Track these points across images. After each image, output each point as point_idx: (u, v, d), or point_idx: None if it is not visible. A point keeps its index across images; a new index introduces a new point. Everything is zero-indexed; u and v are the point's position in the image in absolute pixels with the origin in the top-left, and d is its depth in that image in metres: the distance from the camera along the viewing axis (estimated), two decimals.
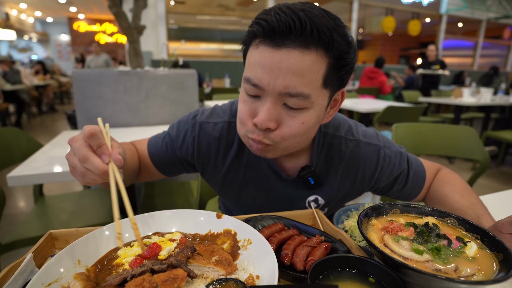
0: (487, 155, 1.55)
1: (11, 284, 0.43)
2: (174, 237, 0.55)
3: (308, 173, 0.75)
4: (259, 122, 0.57)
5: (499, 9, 9.00)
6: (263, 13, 0.55)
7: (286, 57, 0.52)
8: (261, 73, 0.55)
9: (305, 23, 0.50)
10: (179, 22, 6.43)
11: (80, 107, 2.03)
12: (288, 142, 0.61)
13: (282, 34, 0.52)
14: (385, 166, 0.77)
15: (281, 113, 0.58)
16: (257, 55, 0.55)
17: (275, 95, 0.56)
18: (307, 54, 0.52)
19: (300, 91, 0.54)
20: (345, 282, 0.45)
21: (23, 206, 2.68)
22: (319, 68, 0.54)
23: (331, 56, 0.54)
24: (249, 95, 0.60)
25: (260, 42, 0.55)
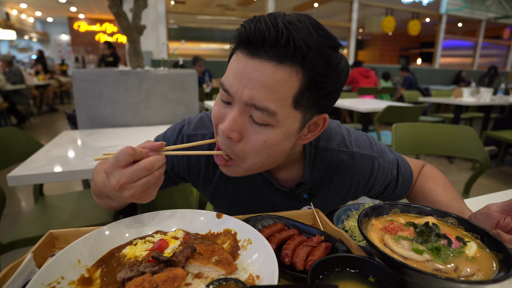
0: (487, 155, 1.55)
1: (11, 284, 0.43)
2: (177, 235, 0.55)
3: (304, 190, 0.74)
4: (222, 129, 0.55)
5: (498, 9, 9.00)
6: (250, 19, 0.53)
7: (257, 68, 0.50)
8: (232, 79, 0.53)
9: (281, 35, 0.47)
10: (179, 22, 6.43)
11: (80, 107, 2.03)
12: (250, 160, 0.58)
13: (256, 43, 0.50)
14: (379, 176, 0.77)
15: (246, 126, 0.55)
16: (234, 61, 0.54)
17: (241, 105, 0.53)
18: (280, 68, 0.49)
19: (265, 106, 0.51)
20: (345, 282, 0.45)
21: (23, 206, 2.68)
22: (291, 86, 0.51)
23: (307, 75, 0.51)
24: (222, 100, 0.58)
25: (239, 49, 0.54)
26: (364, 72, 5.68)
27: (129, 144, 1.47)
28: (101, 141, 1.55)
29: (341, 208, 0.79)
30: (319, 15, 8.85)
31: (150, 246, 0.52)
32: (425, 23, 9.21)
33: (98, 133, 1.74)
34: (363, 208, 0.64)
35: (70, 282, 0.44)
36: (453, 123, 4.27)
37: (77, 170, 1.10)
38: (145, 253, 0.50)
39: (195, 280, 0.46)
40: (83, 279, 0.45)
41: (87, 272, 0.47)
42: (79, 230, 0.58)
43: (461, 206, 0.69)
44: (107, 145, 1.45)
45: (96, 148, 1.39)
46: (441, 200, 0.73)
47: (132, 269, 0.43)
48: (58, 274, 0.44)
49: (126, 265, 0.47)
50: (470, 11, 8.66)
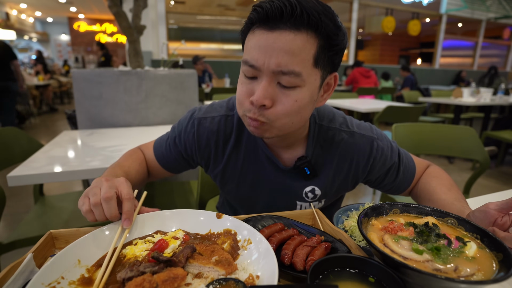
0: (486, 155, 1.55)
1: (11, 284, 0.43)
2: (177, 235, 0.55)
3: (304, 163, 0.77)
4: (255, 99, 0.61)
5: (498, 9, 9.00)
6: (260, 1, 0.60)
7: (278, 38, 0.57)
8: (257, 53, 0.59)
9: (295, 7, 0.55)
10: (179, 22, 6.43)
11: (80, 107, 2.03)
12: (282, 120, 0.64)
13: (275, 18, 0.57)
14: (378, 157, 0.80)
15: (276, 92, 0.61)
16: (254, 39, 0.60)
17: (269, 74, 0.59)
18: (298, 35, 0.57)
19: (291, 69, 0.58)
20: (345, 282, 0.45)
21: (23, 206, 2.68)
22: (310, 48, 0.58)
23: (320, 38, 0.59)
24: (246, 76, 0.64)
25: (256, 27, 0.60)
26: (365, 72, 5.69)
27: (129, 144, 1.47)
28: (101, 141, 1.55)
29: (341, 208, 0.79)
30: None
31: (150, 246, 0.52)
32: (425, 23, 9.21)
33: (98, 133, 1.74)
34: (363, 208, 0.64)
35: (70, 282, 0.44)
36: (453, 123, 4.27)
37: (77, 170, 1.10)
38: (145, 253, 0.50)
39: (195, 280, 0.46)
40: (83, 279, 0.45)
41: (87, 272, 0.47)
42: (79, 230, 0.58)
43: (464, 206, 0.69)
44: (107, 145, 1.45)
45: (96, 148, 1.39)
46: (445, 199, 0.74)
47: (132, 269, 0.43)
48: (58, 274, 0.44)
49: (126, 265, 0.48)
50: (470, 11, 8.66)
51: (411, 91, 5.16)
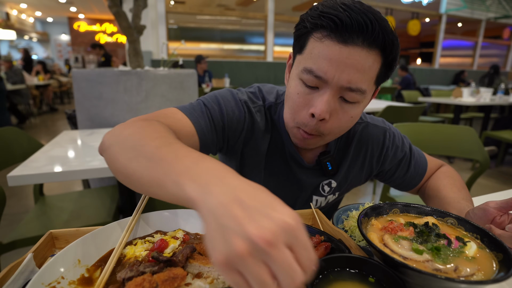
0: (486, 155, 1.55)
1: (11, 284, 0.43)
2: (177, 235, 0.55)
3: (327, 158, 0.78)
4: (318, 112, 0.59)
5: (498, 9, 9.00)
6: (329, 8, 0.56)
7: (352, 54, 0.55)
8: (327, 66, 0.57)
9: (375, 25, 0.54)
10: (179, 22, 6.42)
11: (80, 107, 2.03)
12: (333, 134, 0.65)
13: (353, 32, 0.54)
14: (390, 146, 0.82)
15: (336, 106, 0.61)
16: (323, 48, 0.57)
17: (336, 88, 0.58)
18: (371, 53, 0.56)
19: (359, 87, 0.58)
20: (345, 282, 0.45)
21: (23, 206, 2.68)
22: (376, 67, 0.58)
23: (386, 57, 0.58)
24: (307, 86, 0.61)
25: (326, 36, 0.56)
26: None
27: None
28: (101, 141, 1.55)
29: (341, 208, 0.79)
30: None
31: (150, 246, 0.52)
32: (425, 23, 9.21)
33: (98, 133, 1.74)
34: (363, 208, 0.64)
35: (70, 282, 0.44)
36: (453, 123, 4.27)
37: (77, 170, 1.10)
38: (145, 253, 0.50)
39: (195, 280, 0.46)
40: (83, 279, 0.45)
41: (87, 272, 0.47)
42: (79, 230, 0.58)
43: (468, 205, 0.70)
44: None
45: (96, 148, 1.39)
46: (452, 197, 0.74)
47: (132, 269, 0.43)
48: (58, 274, 0.44)
49: (126, 265, 0.48)
50: (470, 11, 8.65)
51: (411, 91, 5.16)
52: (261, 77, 6.43)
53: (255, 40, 6.98)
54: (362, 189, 3.13)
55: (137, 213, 0.60)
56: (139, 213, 0.60)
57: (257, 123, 0.76)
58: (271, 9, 6.28)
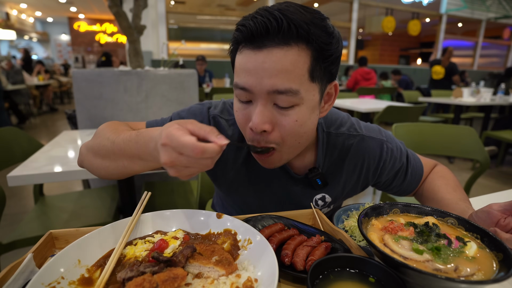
0: (486, 155, 1.55)
1: (11, 284, 0.43)
2: (177, 235, 0.55)
3: (316, 175, 0.75)
4: (254, 126, 0.57)
5: (498, 9, 9.00)
6: (242, 19, 0.56)
7: (268, 57, 0.53)
8: (247, 76, 0.56)
9: (281, 21, 0.51)
10: (179, 22, 6.42)
11: (80, 107, 2.03)
12: (288, 143, 0.61)
13: (261, 35, 0.53)
14: (388, 159, 0.78)
15: (274, 114, 0.58)
16: (241, 60, 0.57)
17: (264, 96, 0.56)
18: (289, 50, 0.53)
19: (288, 87, 0.54)
20: (345, 282, 0.45)
21: (23, 206, 2.68)
22: (303, 62, 0.54)
23: (313, 50, 0.55)
24: (241, 101, 0.60)
25: (242, 47, 0.56)
26: (365, 75, 5.67)
27: None
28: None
29: (341, 208, 0.79)
30: None
31: (150, 246, 0.52)
32: (425, 23, 9.21)
33: None
34: (363, 208, 0.64)
35: (70, 282, 0.44)
36: (453, 123, 4.27)
37: (77, 170, 1.10)
38: (145, 253, 0.50)
39: (195, 280, 0.46)
40: (83, 279, 0.45)
41: (87, 272, 0.47)
42: (79, 230, 0.58)
43: (468, 206, 0.69)
44: None
45: None
46: (449, 198, 0.73)
47: (132, 269, 0.43)
48: (58, 274, 0.44)
49: (126, 265, 0.47)
50: (470, 11, 8.66)
51: (411, 91, 5.16)
52: None
53: None
54: None
55: (137, 213, 0.60)
56: (139, 213, 0.60)
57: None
58: None
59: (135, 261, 0.47)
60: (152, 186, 1.86)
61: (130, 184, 1.42)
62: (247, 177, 0.80)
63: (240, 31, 0.55)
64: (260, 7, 0.56)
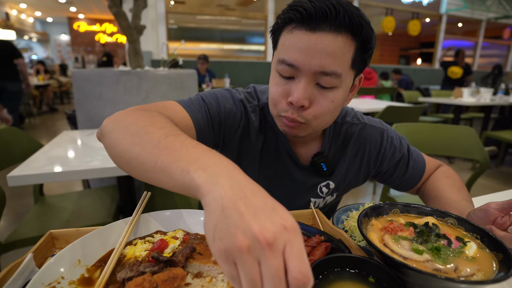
0: (486, 155, 1.55)
1: (11, 284, 0.43)
2: (177, 235, 0.55)
3: (321, 158, 0.79)
4: (295, 100, 0.61)
5: (499, 9, 8.99)
6: (296, 1, 0.60)
7: (320, 40, 0.57)
8: (297, 54, 0.59)
9: (339, 10, 0.56)
10: (179, 22, 6.42)
11: (80, 107, 2.03)
12: (318, 120, 0.65)
13: (318, 19, 0.57)
14: (388, 147, 0.82)
15: (314, 92, 0.62)
16: (293, 38, 0.60)
17: (309, 75, 0.60)
18: (339, 37, 0.58)
19: (333, 70, 0.59)
20: (345, 282, 0.45)
21: (23, 206, 2.68)
22: (349, 50, 0.59)
23: (358, 40, 0.60)
24: (282, 76, 0.63)
25: (295, 27, 0.59)
26: (366, 74, 5.67)
27: None
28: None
29: (341, 208, 0.79)
30: None
31: (150, 246, 0.52)
32: (425, 23, 9.21)
33: None
34: (363, 208, 0.64)
35: (70, 282, 0.44)
36: (453, 123, 4.27)
37: (77, 170, 1.10)
38: (145, 253, 0.50)
39: (195, 280, 0.46)
40: (83, 279, 0.45)
41: (87, 272, 0.47)
42: (79, 230, 0.58)
43: (469, 206, 0.70)
44: None
45: (96, 148, 1.39)
46: (452, 197, 0.74)
47: (132, 269, 0.43)
48: (58, 274, 0.44)
49: (126, 265, 0.48)
50: (470, 11, 8.65)
51: (411, 91, 5.16)
52: (261, 77, 6.43)
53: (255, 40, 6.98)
54: (362, 189, 3.13)
55: (137, 213, 0.60)
56: (139, 213, 0.60)
57: (252, 122, 0.78)
58: (271, 9, 6.28)
59: (135, 261, 0.47)
60: (152, 186, 1.86)
61: (130, 184, 1.42)
62: (259, 162, 0.82)
63: (298, 12, 0.58)
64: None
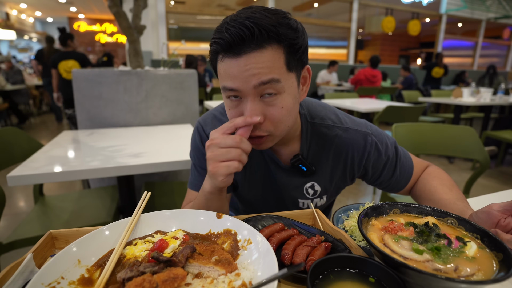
0: (486, 155, 1.55)
1: (11, 284, 0.43)
2: (177, 235, 0.55)
3: (297, 160, 0.80)
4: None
5: (498, 9, 9.00)
6: (217, 32, 0.62)
7: (248, 60, 0.60)
8: (232, 79, 0.62)
9: (252, 29, 0.58)
10: (179, 22, 6.43)
11: (80, 107, 2.03)
12: (279, 128, 0.67)
13: (238, 45, 0.59)
14: (372, 151, 0.82)
15: (262, 106, 0.64)
16: (225, 66, 0.63)
17: (252, 91, 0.62)
18: (264, 51, 0.60)
19: (270, 77, 0.61)
20: (345, 282, 0.45)
21: (23, 206, 2.68)
22: (279, 58, 0.61)
23: (284, 46, 0.62)
24: (232, 100, 0.66)
25: (223, 56, 0.62)
26: (371, 78, 5.54)
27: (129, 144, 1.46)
28: (101, 141, 1.55)
29: (341, 208, 0.80)
30: (319, 15, 8.84)
31: (150, 246, 0.52)
32: (425, 23, 9.21)
33: (98, 133, 1.74)
34: (363, 208, 0.64)
35: (70, 282, 0.44)
36: (453, 123, 4.27)
37: (77, 170, 1.10)
38: (145, 253, 0.50)
39: (195, 280, 0.46)
40: (83, 279, 0.45)
41: (87, 272, 0.47)
42: (79, 230, 0.58)
43: (466, 206, 0.69)
44: (107, 145, 1.45)
45: (96, 148, 1.39)
46: (447, 199, 0.74)
47: (132, 269, 0.43)
48: (58, 274, 0.44)
49: (126, 265, 0.47)
50: (470, 11, 8.66)
51: (411, 91, 5.15)
52: None
53: None
54: (362, 189, 3.13)
55: (137, 213, 0.60)
56: (139, 213, 0.60)
57: None
58: None
59: (135, 261, 0.47)
60: (152, 186, 1.86)
61: (130, 184, 1.42)
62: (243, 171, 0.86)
63: (218, 44, 0.61)
64: (224, 19, 0.63)
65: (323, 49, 9.15)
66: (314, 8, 8.35)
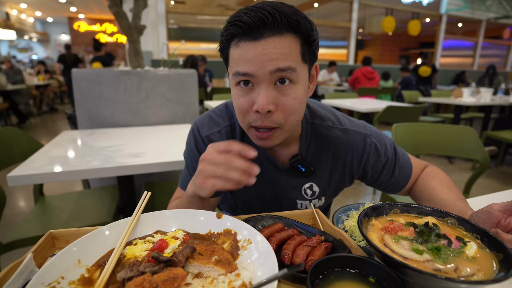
0: (487, 155, 1.55)
1: (11, 284, 0.43)
2: (177, 235, 0.55)
3: (296, 161, 0.80)
4: (260, 106, 0.62)
5: (499, 9, 9.00)
6: (233, 17, 0.62)
7: (266, 45, 0.60)
8: (248, 63, 0.61)
9: (274, 14, 0.58)
10: (179, 22, 6.43)
11: (80, 107, 2.03)
12: (289, 120, 0.66)
13: (259, 28, 0.59)
14: (371, 153, 0.82)
15: (276, 95, 0.63)
16: (240, 51, 0.62)
17: (267, 78, 0.61)
18: (283, 38, 0.60)
19: (288, 65, 0.61)
20: (345, 282, 0.45)
21: (23, 206, 2.68)
22: (295, 47, 0.62)
23: (301, 36, 0.62)
24: (242, 87, 0.65)
25: (239, 40, 0.62)
26: (368, 74, 5.61)
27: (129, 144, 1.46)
28: (101, 141, 1.55)
29: (341, 208, 0.80)
30: (319, 15, 8.85)
31: (150, 246, 0.52)
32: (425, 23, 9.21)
33: (98, 133, 1.74)
34: (363, 208, 0.64)
35: (70, 282, 0.44)
36: (453, 123, 4.27)
37: (77, 170, 1.10)
38: (145, 253, 0.50)
39: (195, 280, 0.46)
40: (83, 279, 0.45)
41: (87, 272, 0.47)
42: (79, 230, 0.58)
43: (466, 206, 0.69)
44: (107, 145, 1.45)
45: (96, 148, 1.39)
46: (447, 199, 0.74)
47: (132, 269, 0.43)
48: (58, 274, 0.44)
49: (126, 265, 0.47)
50: (470, 11, 8.66)
51: (411, 91, 5.15)
52: None
53: None
54: (362, 189, 3.13)
55: (137, 213, 0.60)
56: (139, 213, 0.60)
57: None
58: None
59: (135, 261, 0.47)
60: (152, 186, 1.86)
61: (130, 184, 1.42)
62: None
63: (239, 26, 0.60)
64: (245, 6, 0.62)
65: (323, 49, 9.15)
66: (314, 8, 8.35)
